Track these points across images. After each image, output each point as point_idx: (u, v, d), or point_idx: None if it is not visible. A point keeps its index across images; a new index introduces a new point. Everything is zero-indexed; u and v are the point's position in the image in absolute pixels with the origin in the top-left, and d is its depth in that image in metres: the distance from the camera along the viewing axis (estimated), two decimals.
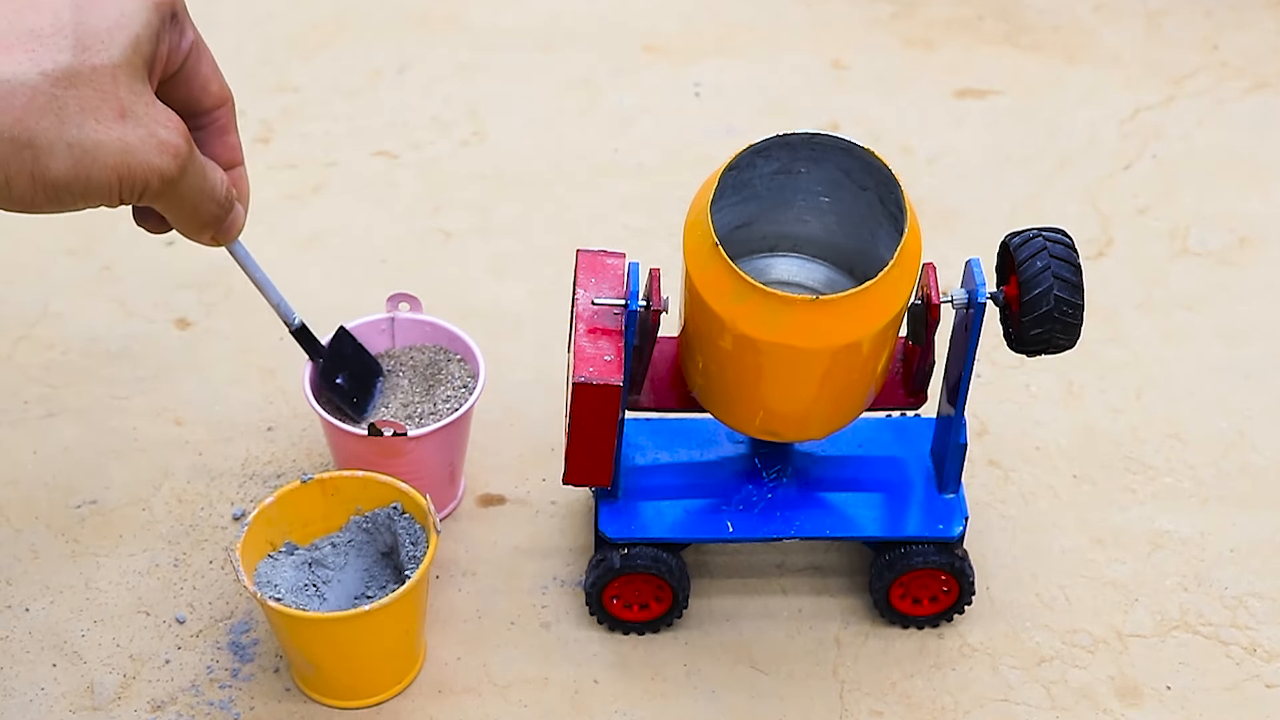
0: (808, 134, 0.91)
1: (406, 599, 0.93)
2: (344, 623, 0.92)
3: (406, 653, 0.98)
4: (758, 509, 1.01)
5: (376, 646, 0.96)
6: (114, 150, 0.79)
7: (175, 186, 0.83)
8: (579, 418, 0.92)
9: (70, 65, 0.78)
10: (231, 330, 1.21)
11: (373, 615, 0.92)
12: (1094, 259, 1.27)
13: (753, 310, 0.87)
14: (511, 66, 1.47)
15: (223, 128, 0.91)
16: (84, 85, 0.78)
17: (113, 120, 0.79)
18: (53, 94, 0.77)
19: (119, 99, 0.79)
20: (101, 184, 0.79)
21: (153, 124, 0.81)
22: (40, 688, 0.99)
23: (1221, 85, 1.45)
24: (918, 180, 1.34)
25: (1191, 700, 1.00)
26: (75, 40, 0.78)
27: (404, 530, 0.97)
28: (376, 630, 0.94)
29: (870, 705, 0.99)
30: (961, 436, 0.99)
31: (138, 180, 0.80)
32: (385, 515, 0.98)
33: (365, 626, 0.93)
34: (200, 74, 0.88)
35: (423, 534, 0.97)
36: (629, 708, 0.99)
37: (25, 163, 0.77)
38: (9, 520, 1.08)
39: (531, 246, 1.29)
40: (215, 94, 0.89)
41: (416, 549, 0.96)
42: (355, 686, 0.97)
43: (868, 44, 1.49)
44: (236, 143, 0.92)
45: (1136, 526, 1.09)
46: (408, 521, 0.98)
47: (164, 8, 0.83)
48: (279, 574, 0.97)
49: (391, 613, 0.93)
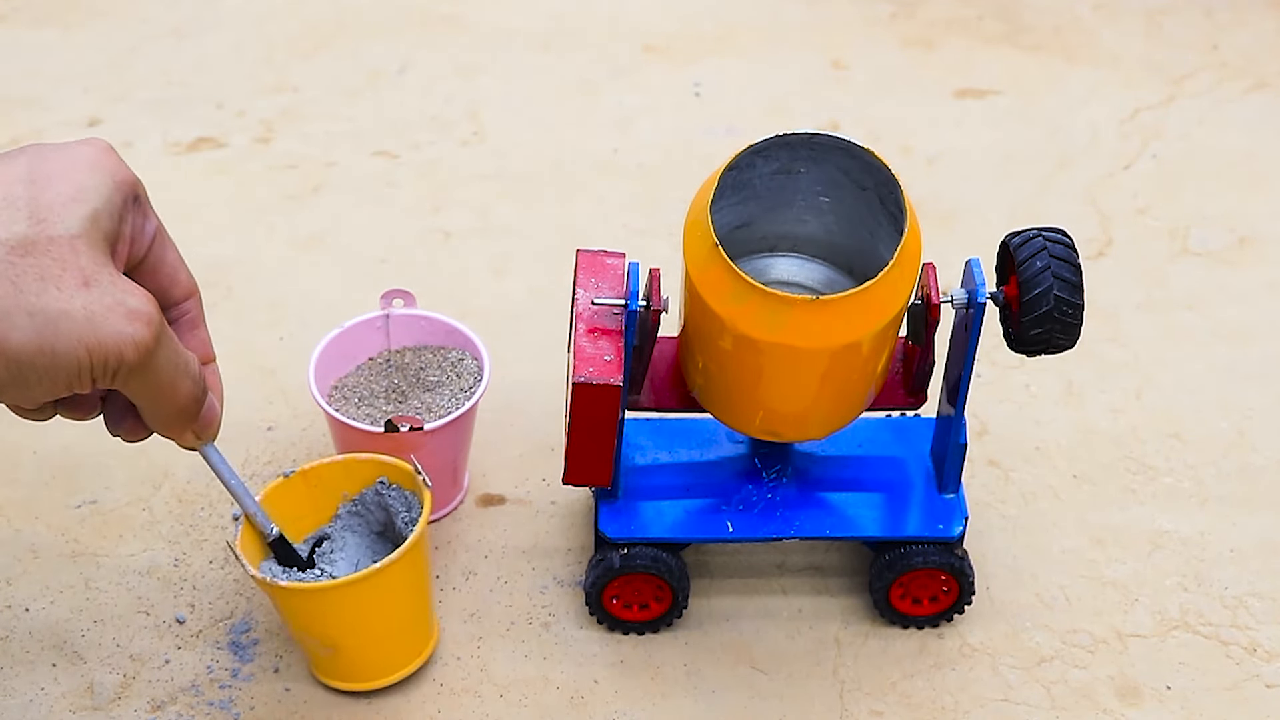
0: (807, 134, 0.91)
1: (415, 551, 0.93)
2: (358, 585, 0.92)
3: (421, 621, 0.98)
4: (758, 509, 1.01)
5: (393, 611, 0.96)
6: (79, 319, 0.74)
7: (151, 359, 0.77)
8: (579, 418, 0.92)
9: (25, 235, 0.74)
10: (231, 330, 1.21)
11: (384, 573, 0.92)
12: (1094, 259, 1.27)
13: (752, 310, 0.87)
14: (511, 66, 1.47)
15: (193, 320, 0.86)
16: (42, 254, 0.74)
17: (75, 288, 0.74)
18: (9, 261, 0.73)
19: (80, 268, 0.74)
20: (68, 357, 0.74)
21: (120, 293, 0.76)
22: (40, 688, 0.99)
23: (1221, 85, 1.45)
24: (918, 180, 1.34)
25: (1191, 700, 1.00)
26: (30, 213, 0.75)
27: (395, 500, 0.98)
28: (390, 591, 0.94)
29: (870, 705, 0.99)
30: (961, 436, 0.99)
31: (110, 352, 0.75)
32: (372, 493, 0.99)
33: (378, 587, 0.93)
34: (167, 262, 0.84)
35: (414, 497, 0.97)
36: (629, 708, 0.99)
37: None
38: (9, 520, 1.08)
39: (531, 246, 1.29)
40: (184, 284, 0.85)
41: (411, 513, 0.96)
42: (376, 661, 0.97)
43: (868, 44, 1.49)
44: (207, 338, 0.87)
45: (1136, 526, 1.09)
46: (396, 491, 0.98)
47: (126, 187, 0.79)
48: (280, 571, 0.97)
49: (402, 568, 0.93)
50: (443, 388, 1.07)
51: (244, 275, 1.26)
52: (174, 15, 1.52)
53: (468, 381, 1.07)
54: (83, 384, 0.76)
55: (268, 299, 1.24)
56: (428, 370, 1.08)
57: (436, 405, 1.06)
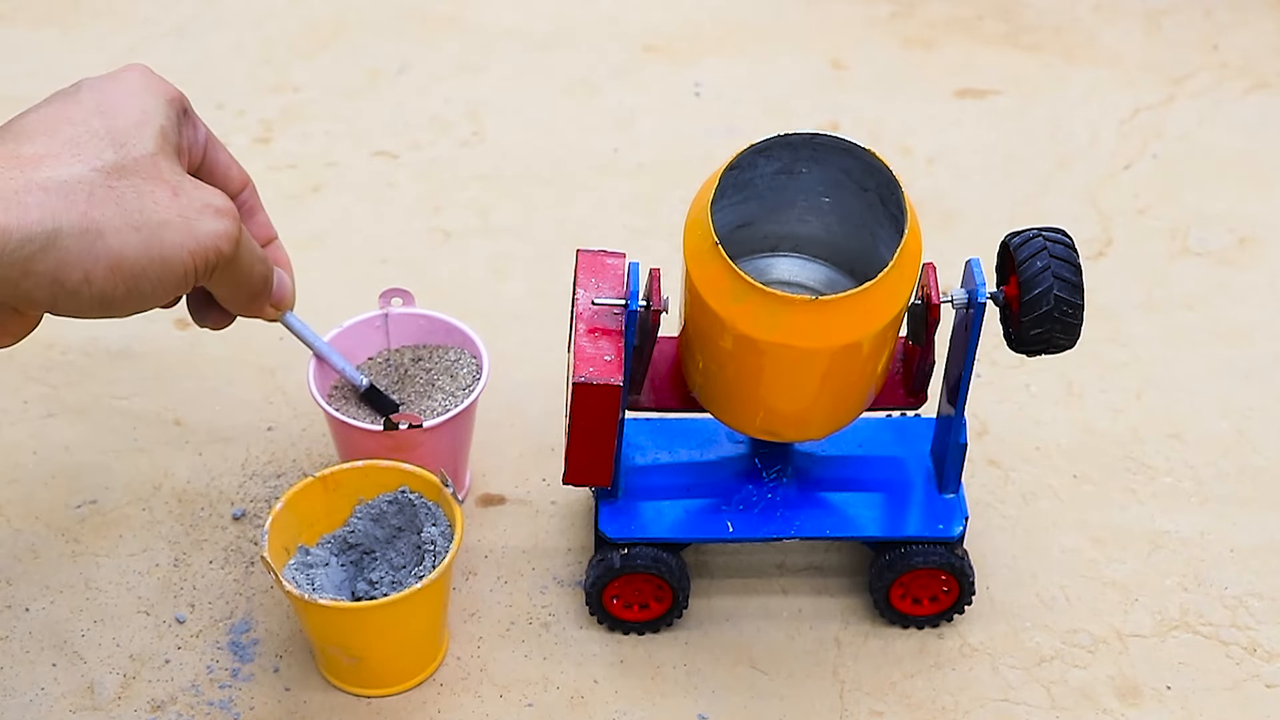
0: (809, 134, 0.91)
1: (448, 570, 0.94)
2: (392, 606, 0.93)
3: (442, 628, 0.99)
4: (758, 509, 1.01)
5: (421, 624, 0.96)
6: (178, 227, 0.82)
7: (238, 251, 0.85)
8: (579, 418, 0.92)
9: (115, 160, 0.82)
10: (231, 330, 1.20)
11: (418, 593, 0.92)
12: (1094, 259, 1.27)
13: (753, 310, 0.87)
14: (511, 66, 1.47)
15: (251, 207, 0.95)
16: (133, 175, 0.82)
17: (168, 200, 0.82)
18: (109, 185, 0.81)
19: (166, 181, 0.83)
20: (176, 261, 0.82)
21: (203, 196, 0.84)
22: (40, 688, 0.99)
23: (1221, 85, 1.45)
24: (918, 180, 1.34)
25: (1191, 700, 1.00)
26: (111, 140, 0.82)
27: (421, 508, 0.98)
28: (421, 606, 0.94)
29: (870, 705, 0.99)
30: (961, 436, 0.99)
31: (209, 250, 0.83)
32: (390, 499, 0.99)
33: (410, 605, 0.93)
34: (220, 162, 0.92)
35: (437, 508, 0.98)
36: (629, 708, 0.99)
37: (100, 254, 0.79)
38: (9, 520, 1.08)
39: (531, 246, 1.29)
40: (238, 178, 0.93)
41: (436, 525, 0.97)
42: (400, 669, 0.98)
43: (868, 44, 1.49)
44: (266, 219, 0.97)
45: (1136, 526, 1.09)
46: (418, 499, 0.98)
47: (176, 103, 0.87)
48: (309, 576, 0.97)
49: (435, 587, 0.94)
50: (442, 386, 1.07)
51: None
52: (174, 15, 1.52)
53: (467, 380, 1.07)
54: (188, 284, 0.84)
55: None
56: (427, 369, 1.08)
57: (436, 404, 1.06)
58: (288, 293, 0.96)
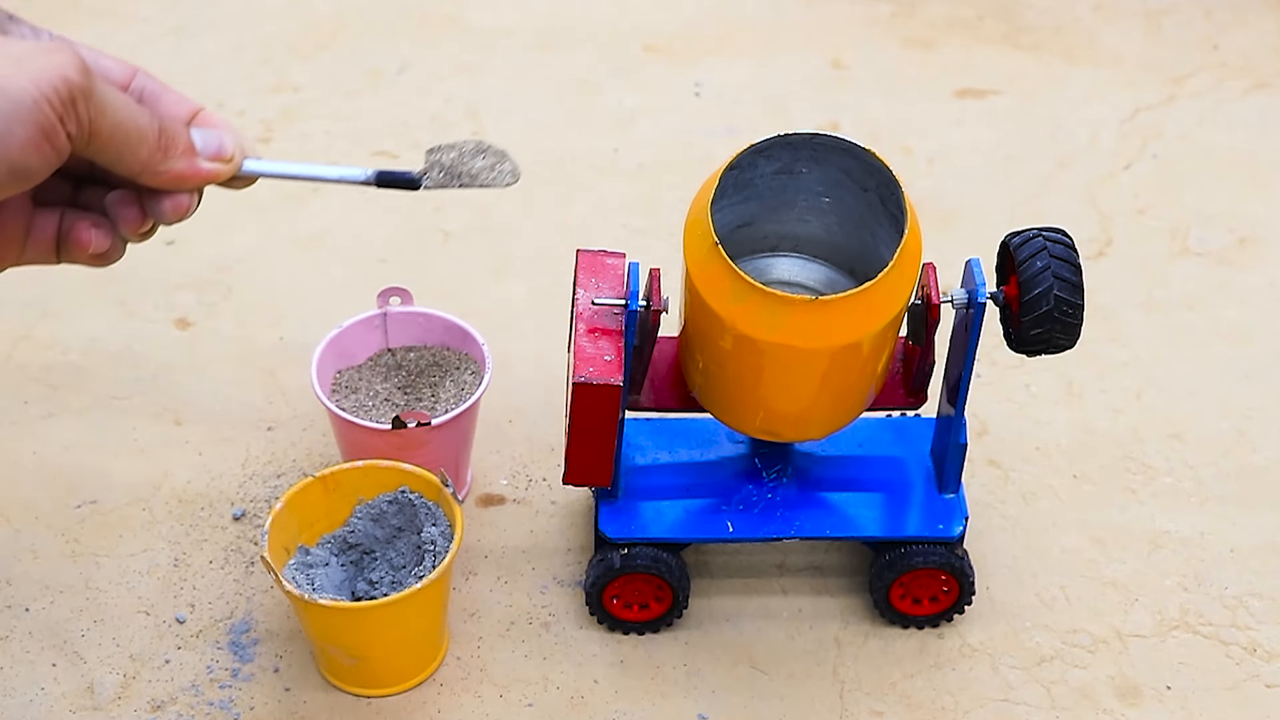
0: (809, 134, 0.91)
1: (448, 570, 0.94)
2: (393, 605, 0.93)
3: (442, 628, 0.99)
4: (758, 509, 1.01)
5: (422, 624, 0.96)
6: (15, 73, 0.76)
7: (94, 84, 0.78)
8: (579, 418, 0.92)
9: None
10: (231, 330, 1.21)
11: (419, 593, 0.92)
12: (1094, 259, 1.27)
13: (753, 310, 0.87)
14: (511, 66, 1.47)
15: (153, 91, 0.86)
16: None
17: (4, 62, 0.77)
18: None
19: None
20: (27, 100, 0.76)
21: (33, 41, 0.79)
22: (40, 688, 0.99)
23: (1221, 85, 1.45)
24: (918, 180, 1.34)
25: (1191, 700, 1.00)
26: None
27: (420, 508, 0.98)
28: (423, 605, 0.95)
29: (870, 705, 0.99)
30: (961, 436, 0.99)
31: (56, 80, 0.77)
32: (390, 499, 0.99)
33: (412, 605, 0.93)
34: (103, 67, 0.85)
35: (437, 508, 0.98)
36: (629, 708, 0.99)
37: None
38: (9, 520, 1.08)
39: (531, 246, 1.29)
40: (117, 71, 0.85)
41: (436, 525, 0.96)
42: (400, 669, 0.98)
43: (868, 44, 1.49)
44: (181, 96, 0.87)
45: (1136, 526, 1.09)
46: (418, 499, 0.98)
47: None
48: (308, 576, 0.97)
49: (435, 586, 0.94)
50: (443, 385, 1.07)
51: (244, 275, 1.26)
52: (174, 15, 1.52)
53: (467, 379, 1.07)
54: (54, 131, 0.77)
55: (268, 299, 1.24)
56: (427, 368, 1.08)
57: (437, 403, 1.06)
58: (227, 144, 0.86)
